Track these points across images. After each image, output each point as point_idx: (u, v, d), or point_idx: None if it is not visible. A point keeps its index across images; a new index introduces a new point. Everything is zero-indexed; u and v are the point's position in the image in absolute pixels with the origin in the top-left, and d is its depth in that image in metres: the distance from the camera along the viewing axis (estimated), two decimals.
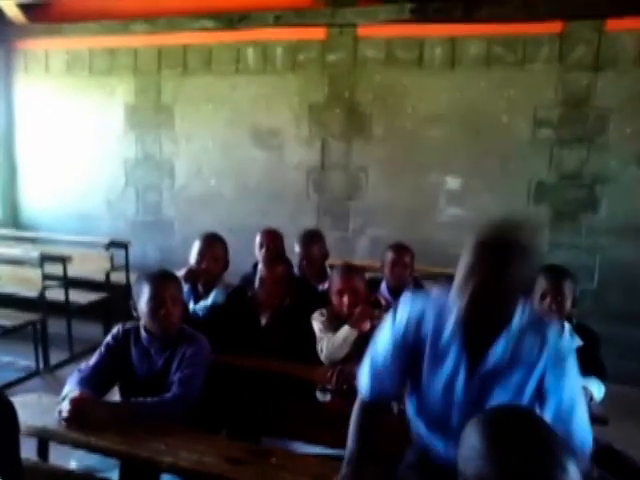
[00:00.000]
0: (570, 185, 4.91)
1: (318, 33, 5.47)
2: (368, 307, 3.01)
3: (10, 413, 0.84)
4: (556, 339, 1.66)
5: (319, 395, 2.93)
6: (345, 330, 2.89)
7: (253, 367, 2.87)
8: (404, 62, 5.25)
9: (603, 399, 2.68)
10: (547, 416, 1.61)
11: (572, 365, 1.66)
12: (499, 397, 1.65)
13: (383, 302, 3.46)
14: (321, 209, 5.66)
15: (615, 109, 4.77)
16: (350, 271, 3.10)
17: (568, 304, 2.70)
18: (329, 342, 2.90)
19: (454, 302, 1.63)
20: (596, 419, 2.26)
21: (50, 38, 6.35)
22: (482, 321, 1.63)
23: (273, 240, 3.99)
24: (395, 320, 1.82)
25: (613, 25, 4.69)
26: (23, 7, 6.21)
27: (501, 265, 1.54)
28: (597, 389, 2.65)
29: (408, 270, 3.67)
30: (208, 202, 5.99)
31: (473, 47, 5.05)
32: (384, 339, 1.85)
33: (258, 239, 4.01)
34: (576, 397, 1.65)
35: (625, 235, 4.84)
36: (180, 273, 3.38)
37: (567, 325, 2.70)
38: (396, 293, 3.59)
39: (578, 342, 2.65)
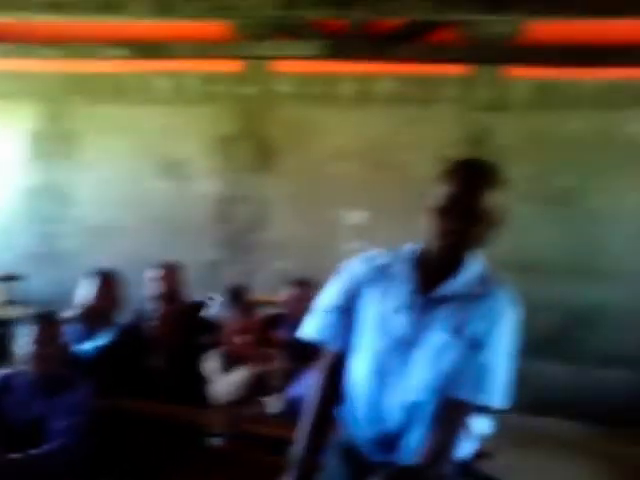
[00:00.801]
0: None
1: (233, 66, 5.47)
2: (263, 348, 2.98)
3: None
4: (501, 301, 1.66)
5: (213, 440, 2.85)
6: (240, 372, 2.84)
7: (143, 411, 2.74)
8: (316, 98, 5.32)
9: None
10: (468, 364, 1.60)
11: (510, 330, 1.66)
12: (439, 333, 1.62)
13: (281, 340, 3.44)
14: (225, 241, 5.58)
15: (512, 148, 4.96)
16: (245, 310, 3.05)
17: None
18: (223, 383, 2.83)
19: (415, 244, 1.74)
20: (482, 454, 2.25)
21: None
22: (446, 251, 1.65)
23: (169, 275, 3.86)
24: (342, 278, 1.83)
25: (511, 71, 4.97)
26: None
27: (472, 179, 1.62)
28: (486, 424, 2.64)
29: (307, 306, 3.63)
30: (110, 234, 5.77)
31: (384, 85, 5.18)
32: (333, 291, 1.84)
33: (154, 273, 3.89)
34: (501, 358, 1.65)
35: (517, 270, 4.93)
36: (71, 312, 3.26)
37: None
38: (297, 329, 3.55)
39: None
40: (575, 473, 4.02)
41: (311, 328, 1.84)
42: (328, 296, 1.84)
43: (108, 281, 3.37)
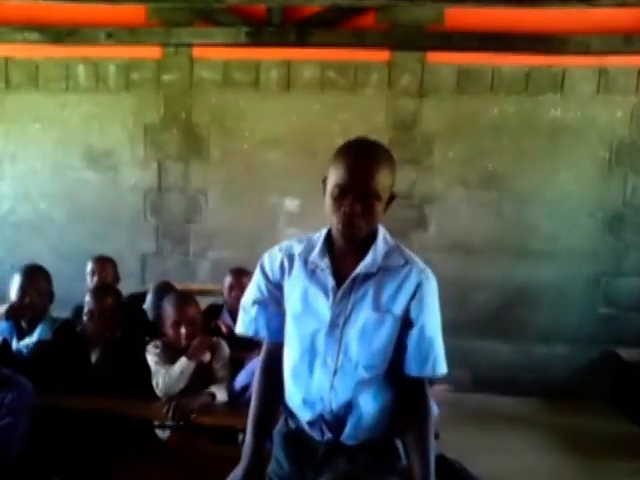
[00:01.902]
0: (401, 205, 5.14)
1: (153, 52, 5.36)
2: (206, 337, 2.99)
3: None
4: (417, 271, 1.76)
5: (158, 432, 2.86)
6: (182, 362, 2.85)
7: (84, 407, 2.70)
8: (240, 84, 5.29)
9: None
10: (410, 343, 1.73)
11: (434, 300, 1.80)
12: (363, 311, 1.70)
13: (224, 329, 3.47)
14: (160, 232, 5.52)
15: (439, 133, 5.15)
16: (184, 300, 3.04)
17: None
18: (165, 375, 2.84)
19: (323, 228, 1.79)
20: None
21: None
22: (351, 233, 1.68)
23: (103, 268, 3.85)
24: (261, 272, 1.86)
25: (433, 57, 5.09)
26: None
27: (366, 156, 1.67)
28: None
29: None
30: (38, 227, 5.60)
31: (307, 71, 5.20)
32: (255, 286, 1.87)
33: (89, 267, 3.86)
34: (435, 328, 1.80)
35: (451, 252, 5.21)
36: (1, 310, 3.19)
37: None
38: (236, 317, 3.59)
39: None
40: (521, 446, 4.22)
41: (240, 323, 1.90)
42: (251, 291, 1.89)
43: (35, 276, 3.28)
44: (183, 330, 2.93)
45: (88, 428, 2.65)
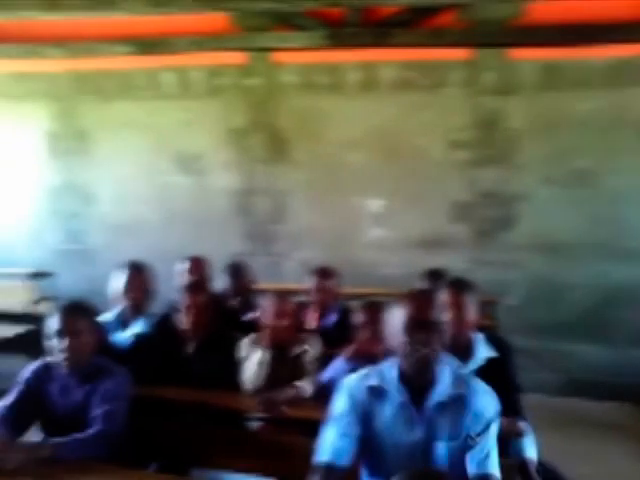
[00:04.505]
0: (488, 204, 5.15)
1: (236, 58, 5.54)
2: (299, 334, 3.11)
3: None
4: (481, 394, 1.96)
5: (249, 424, 2.98)
6: (258, 354, 2.97)
7: (179, 398, 2.87)
8: (321, 87, 5.40)
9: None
10: (471, 460, 1.91)
11: (493, 414, 1.96)
12: (440, 442, 1.93)
13: (312, 325, 3.59)
14: (247, 233, 5.70)
15: (524, 131, 5.04)
16: (279, 297, 3.18)
17: (471, 315, 2.73)
18: (247, 368, 2.99)
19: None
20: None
21: None
22: (418, 364, 1.92)
23: (196, 268, 4.01)
24: (339, 404, 2.05)
25: (516, 54, 4.98)
26: None
27: (426, 301, 1.95)
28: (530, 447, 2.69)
29: (331, 294, 3.76)
30: (133, 229, 5.91)
31: (387, 72, 5.24)
32: (336, 418, 2.04)
33: (182, 266, 4.03)
34: (492, 446, 1.94)
35: (542, 251, 5.10)
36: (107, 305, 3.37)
37: (480, 336, 2.78)
38: (322, 316, 3.71)
39: (492, 353, 2.73)
40: (616, 453, 4.05)
41: (326, 451, 2.01)
42: (336, 420, 2.03)
43: (139, 272, 3.46)
44: (279, 323, 3.07)
45: (183, 417, 2.80)
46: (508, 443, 2.49)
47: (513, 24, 4.95)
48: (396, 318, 1.93)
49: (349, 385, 2.06)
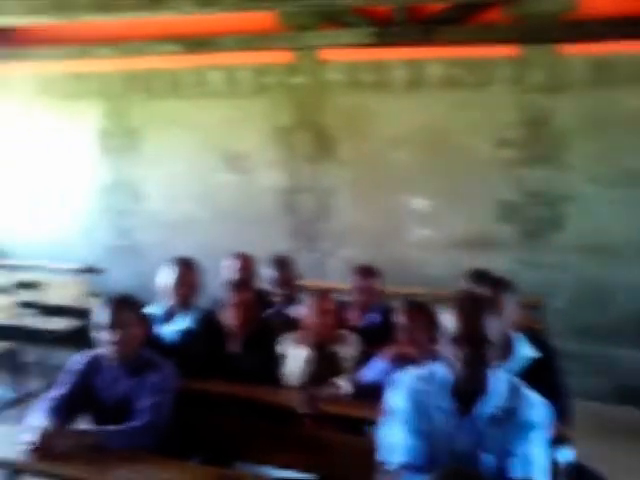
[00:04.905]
0: (535, 204, 5.05)
1: (283, 56, 5.57)
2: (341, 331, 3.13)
3: None
4: (534, 407, 1.93)
5: (291, 420, 3.01)
6: (299, 351, 3.02)
7: (223, 392, 2.93)
8: (368, 85, 5.38)
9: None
10: (513, 465, 1.89)
11: (540, 433, 1.92)
12: (489, 456, 1.91)
13: (354, 323, 3.59)
14: (292, 231, 5.73)
15: (575, 129, 4.91)
16: (321, 295, 3.23)
17: (511, 315, 2.70)
18: (288, 365, 3.04)
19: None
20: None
21: (17, 62, 6.32)
22: (468, 374, 1.91)
23: (243, 265, 4.06)
24: (398, 401, 2.06)
25: (567, 49, 4.85)
26: None
27: (475, 310, 1.92)
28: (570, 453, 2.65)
29: (374, 293, 3.76)
30: (182, 226, 6.02)
31: (434, 69, 5.19)
32: (399, 416, 2.04)
33: (228, 263, 4.08)
34: (537, 453, 1.90)
35: (590, 252, 4.96)
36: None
37: (520, 336, 2.74)
38: (364, 315, 3.71)
39: (535, 354, 2.70)
40: None
41: (400, 451, 2.01)
42: (400, 418, 2.03)
43: (188, 269, 3.51)
44: (319, 321, 3.10)
45: (226, 411, 2.84)
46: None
47: (564, 18, 4.82)
48: (447, 327, 1.92)
49: (406, 383, 2.06)
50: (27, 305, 5.14)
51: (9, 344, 4.83)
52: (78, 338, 5.42)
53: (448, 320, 1.91)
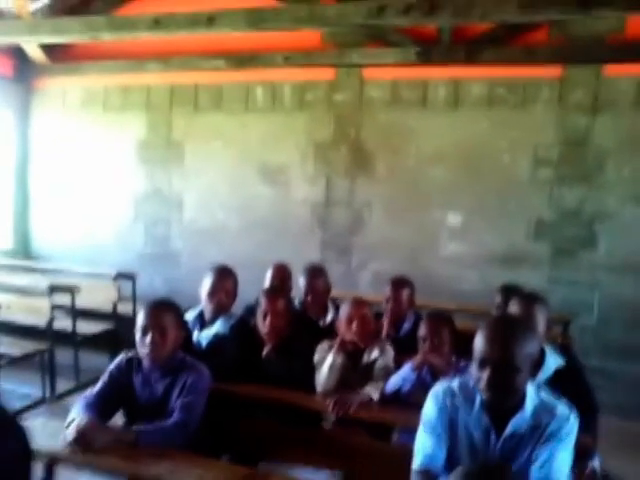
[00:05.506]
0: (569, 223, 5.01)
1: (326, 73, 5.65)
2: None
3: (24, 439, 0.89)
4: (563, 420, 1.89)
5: (324, 423, 3.01)
6: (331, 358, 2.99)
7: (254, 395, 2.93)
8: (408, 103, 5.41)
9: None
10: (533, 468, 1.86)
11: (565, 443, 1.88)
12: (519, 462, 1.89)
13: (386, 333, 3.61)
14: (325, 243, 5.76)
15: (613, 149, 4.89)
16: (358, 302, 3.22)
17: (541, 327, 2.73)
18: (320, 372, 3.03)
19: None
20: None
21: (68, 76, 6.58)
22: (492, 401, 1.89)
23: (278, 275, 4.11)
24: (428, 411, 2.04)
25: (612, 70, 4.83)
26: (45, 48, 6.44)
27: (505, 335, 1.86)
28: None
29: (406, 302, 3.75)
30: (215, 235, 6.10)
31: (475, 89, 5.21)
32: (427, 425, 2.03)
33: (267, 272, 4.14)
34: (559, 458, 1.87)
35: (624, 272, 4.91)
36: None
37: (550, 348, 2.75)
38: (396, 324, 3.69)
39: (561, 363, 2.70)
40: None
41: (421, 457, 2.00)
42: (427, 427, 2.02)
43: (224, 275, 3.54)
44: (354, 326, 3.08)
45: (256, 414, 2.87)
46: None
47: (612, 39, 4.82)
48: (476, 348, 1.88)
49: (437, 394, 2.04)
50: (61, 308, 5.20)
51: (42, 345, 4.89)
52: (109, 341, 5.51)
53: (478, 341, 1.88)
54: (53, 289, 5.03)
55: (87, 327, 5.40)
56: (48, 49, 6.47)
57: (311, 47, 5.60)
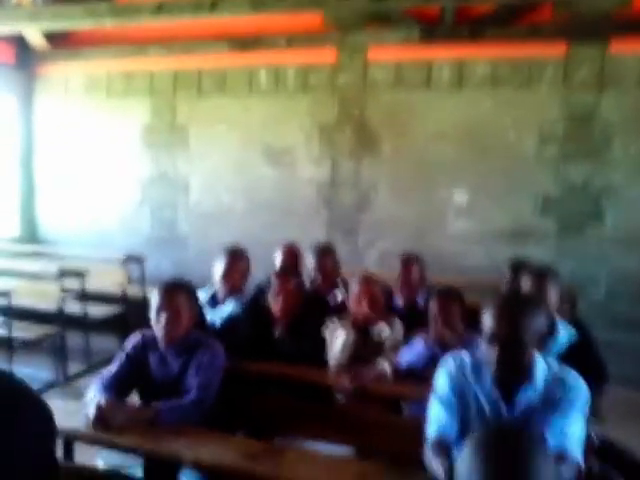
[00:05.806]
0: (576, 198, 5.04)
1: (329, 56, 5.65)
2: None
3: (49, 416, 0.93)
4: (574, 383, 1.93)
5: (338, 397, 3.05)
6: (343, 335, 3.04)
7: (268, 372, 2.97)
8: (412, 83, 5.41)
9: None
10: (550, 434, 1.87)
11: (578, 411, 1.91)
12: (532, 428, 1.88)
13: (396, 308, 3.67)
14: (331, 223, 5.79)
15: (619, 126, 4.90)
16: (367, 279, 3.26)
17: (554, 301, 2.78)
18: (331, 348, 3.08)
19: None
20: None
21: (70, 63, 6.59)
22: (501, 376, 1.92)
23: (289, 255, 4.13)
24: (440, 382, 2.08)
25: (617, 47, 4.82)
26: (46, 34, 6.44)
27: (512, 313, 1.88)
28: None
29: (417, 280, 3.79)
30: (221, 218, 6.13)
31: (480, 69, 5.21)
32: (439, 396, 2.06)
33: (277, 252, 4.17)
34: (575, 428, 1.89)
35: (630, 246, 4.94)
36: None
37: (560, 320, 2.79)
38: (407, 300, 3.73)
39: (573, 335, 2.74)
40: None
41: (434, 427, 2.02)
42: (439, 397, 2.05)
43: (236, 257, 3.59)
44: (365, 304, 3.13)
45: (270, 390, 2.91)
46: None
47: (616, 15, 4.80)
48: (484, 324, 1.90)
49: (448, 365, 2.07)
50: (70, 292, 5.24)
51: (53, 329, 4.93)
52: (119, 324, 5.55)
53: (486, 317, 1.90)
54: (63, 274, 5.07)
55: (97, 310, 5.44)
56: (49, 35, 6.47)
57: (314, 29, 5.59)
